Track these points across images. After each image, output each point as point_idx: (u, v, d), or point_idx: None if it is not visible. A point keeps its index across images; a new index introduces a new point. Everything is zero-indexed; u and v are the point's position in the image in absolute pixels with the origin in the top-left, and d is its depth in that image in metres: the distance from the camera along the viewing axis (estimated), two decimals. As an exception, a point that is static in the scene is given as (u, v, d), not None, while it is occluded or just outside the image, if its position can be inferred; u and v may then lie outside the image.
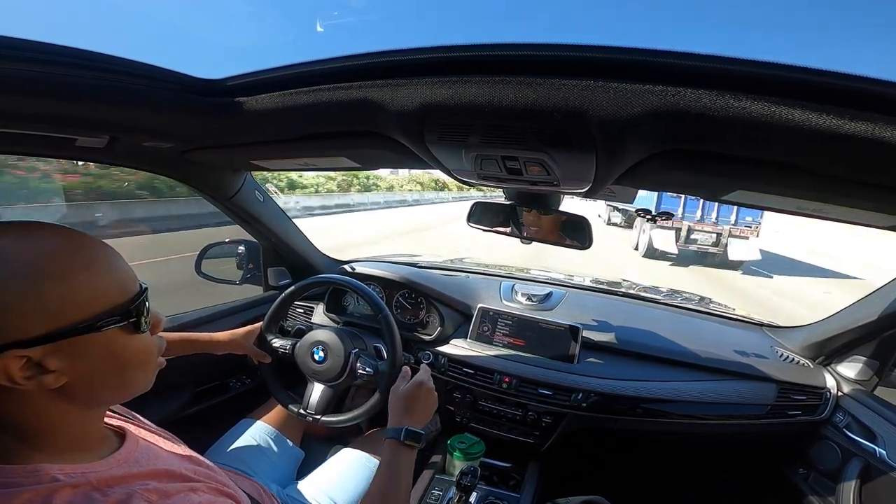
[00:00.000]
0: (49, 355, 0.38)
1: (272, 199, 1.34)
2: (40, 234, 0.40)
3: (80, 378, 0.41)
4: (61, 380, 0.39)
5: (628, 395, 1.14)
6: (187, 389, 1.21)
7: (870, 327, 1.07)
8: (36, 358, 0.37)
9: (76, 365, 0.40)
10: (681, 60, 0.40)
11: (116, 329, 0.42)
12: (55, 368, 0.39)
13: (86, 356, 0.41)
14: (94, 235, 0.44)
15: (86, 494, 0.39)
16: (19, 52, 0.45)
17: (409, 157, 0.73)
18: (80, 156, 0.82)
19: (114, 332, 0.42)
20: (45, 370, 0.38)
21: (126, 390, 0.47)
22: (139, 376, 0.47)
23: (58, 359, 0.39)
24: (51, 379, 0.39)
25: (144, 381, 0.49)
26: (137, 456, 0.48)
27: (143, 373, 0.48)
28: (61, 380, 0.39)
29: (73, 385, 0.41)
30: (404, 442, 0.76)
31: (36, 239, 0.40)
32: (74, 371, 0.40)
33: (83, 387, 0.42)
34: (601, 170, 0.61)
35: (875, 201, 0.56)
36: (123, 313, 0.43)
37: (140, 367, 0.47)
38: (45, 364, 0.38)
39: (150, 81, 0.55)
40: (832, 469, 1.06)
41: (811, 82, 0.38)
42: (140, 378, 0.48)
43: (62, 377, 0.39)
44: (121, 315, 0.43)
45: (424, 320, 1.37)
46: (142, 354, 0.47)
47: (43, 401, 0.40)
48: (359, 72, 0.52)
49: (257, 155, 0.89)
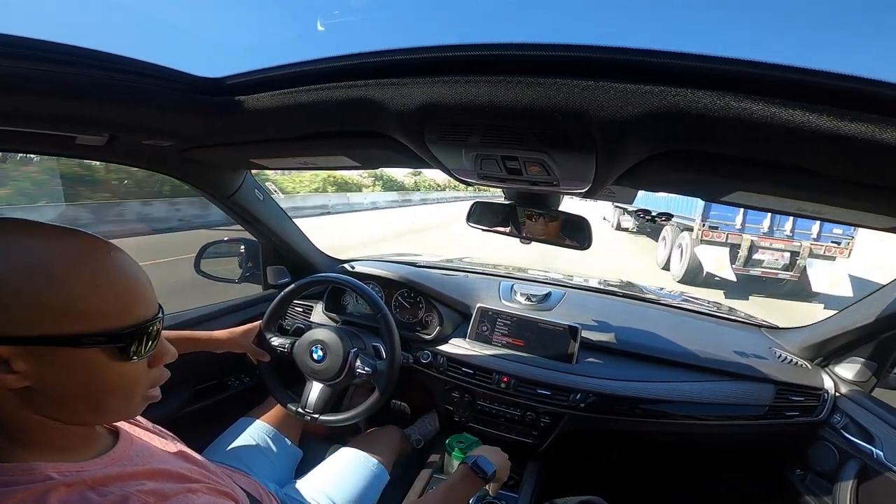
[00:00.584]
0: (20, 356, 0.37)
1: (271, 198, 1.34)
2: (69, 242, 0.40)
3: (47, 387, 0.39)
4: (22, 383, 0.38)
5: (627, 396, 1.14)
6: (186, 388, 1.21)
7: (868, 329, 1.07)
8: (4, 355, 0.36)
9: (45, 373, 0.38)
10: (681, 61, 0.40)
11: (98, 350, 0.40)
12: (19, 371, 0.37)
13: (57, 367, 0.39)
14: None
15: (80, 494, 0.39)
16: (19, 49, 0.45)
17: (409, 157, 0.73)
18: (79, 154, 0.82)
19: (94, 352, 0.40)
20: (10, 369, 0.37)
21: (99, 412, 0.44)
22: (117, 403, 0.45)
23: (26, 362, 0.37)
24: (11, 379, 0.37)
25: (124, 409, 0.46)
26: (132, 455, 0.48)
27: (123, 401, 0.45)
28: (22, 383, 0.38)
29: (38, 392, 0.39)
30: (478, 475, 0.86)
31: (62, 244, 0.39)
32: (41, 378, 0.39)
33: (49, 397, 0.40)
34: (601, 170, 0.61)
35: (875, 202, 0.56)
36: (112, 337, 0.41)
37: (118, 393, 0.44)
38: (11, 363, 0.37)
39: (150, 80, 0.55)
40: (829, 470, 1.06)
41: (811, 83, 0.38)
42: (117, 405, 0.45)
43: (24, 381, 0.38)
44: (108, 338, 0.40)
45: (423, 320, 1.37)
46: (123, 381, 0.44)
47: (11, 400, 0.39)
48: (359, 71, 0.52)
49: (257, 154, 0.89)
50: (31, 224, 0.40)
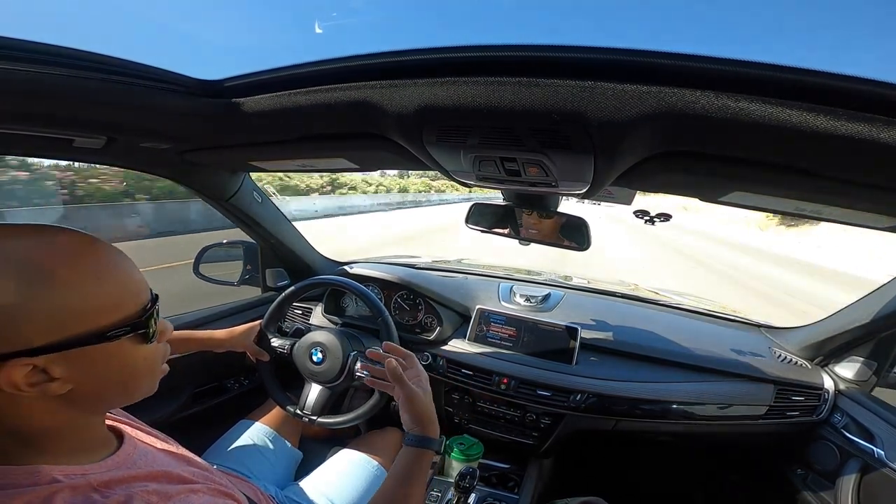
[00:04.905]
0: (55, 363, 0.38)
1: (270, 201, 1.34)
2: (55, 240, 0.40)
3: (86, 385, 0.41)
4: (66, 387, 0.39)
5: (626, 396, 1.14)
6: (186, 390, 1.21)
7: (868, 328, 1.07)
8: (41, 366, 0.37)
9: (82, 373, 0.40)
10: (679, 62, 0.40)
11: (124, 340, 0.42)
12: (60, 376, 0.38)
13: (93, 365, 0.40)
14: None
15: (85, 496, 0.39)
16: (16, 52, 0.45)
17: (407, 159, 0.73)
18: (77, 156, 0.82)
19: (123, 343, 0.42)
20: (50, 377, 0.38)
21: (131, 396, 0.47)
22: (145, 383, 0.48)
23: (64, 367, 0.38)
24: (55, 386, 0.38)
25: (149, 387, 0.49)
26: (135, 458, 0.48)
27: (149, 380, 0.48)
28: (66, 387, 0.39)
29: (79, 392, 0.40)
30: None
31: (50, 245, 0.39)
32: (80, 379, 0.40)
33: (88, 394, 0.42)
34: (599, 171, 0.61)
35: (873, 202, 0.56)
36: (134, 324, 0.43)
37: (147, 374, 0.47)
38: (50, 372, 0.38)
39: (148, 82, 0.55)
40: (830, 469, 1.06)
41: (808, 83, 0.38)
42: (145, 384, 0.48)
43: (67, 385, 0.39)
44: (131, 326, 0.42)
45: (423, 322, 1.37)
46: (149, 362, 0.47)
47: (47, 406, 0.40)
48: (357, 73, 0.52)
49: (255, 156, 0.89)
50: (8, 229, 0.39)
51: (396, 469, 0.69)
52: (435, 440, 0.71)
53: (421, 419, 0.70)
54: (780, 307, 5.95)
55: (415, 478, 0.68)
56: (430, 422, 0.71)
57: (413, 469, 0.68)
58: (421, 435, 0.70)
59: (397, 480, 0.68)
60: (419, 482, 0.69)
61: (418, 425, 0.70)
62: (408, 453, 0.70)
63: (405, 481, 0.67)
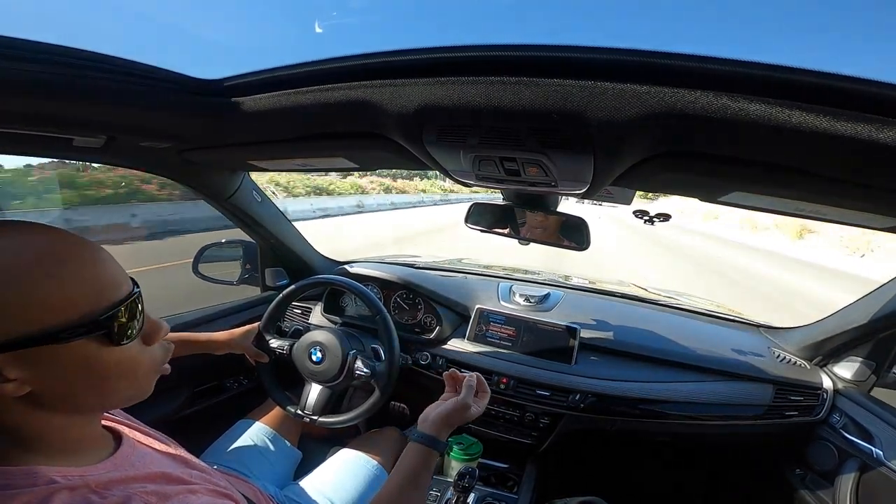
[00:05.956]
0: (7, 363, 0.36)
1: (270, 200, 1.34)
2: (8, 235, 0.37)
3: (48, 387, 0.39)
4: (23, 389, 0.37)
5: (626, 396, 1.14)
6: (184, 390, 1.21)
7: (867, 328, 1.07)
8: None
9: (41, 374, 0.38)
10: (678, 62, 0.40)
11: (84, 340, 0.39)
12: (15, 378, 0.36)
13: (51, 366, 0.38)
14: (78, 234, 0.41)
15: (83, 497, 0.39)
16: (15, 51, 0.45)
17: (407, 158, 0.73)
18: (77, 156, 0.82)
19: (81, 344, 0.39)
20: (5, 378, 0.36)
21: (112, 399, 0.45)
22: (124, 385, 0.44)
23: (18, 368, 0.36)
24: (11, 388, 0.37)
25: (135, 390, 0.46)
26: (134, 459, 0.48)
27: (129, 383, 0.45)
28: (23, 389, 0.37)
29: (43, 394, 0.39)
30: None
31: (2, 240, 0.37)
32: (39, 380, 0.38)
33: (54, 396, 0.40)
34: (599, 171, 0.61)
35: (874, 202, 0.57)
36: (92, 325, 0.39)
37: (123, 377, 0.44)
38: (4, 373, 0.36)
39: (147, 81, 0.55)
40: (829, 469, 1.06)
41: (809, 83, 0.38)
42: (124, 388, 0.45)
43: (25, 386, 0.37)
44: (88, 327, 0.39)
45: (422, 321, 1.37)
46: (122, 366, 0.43)
47: (17, 407, 0.38)
48: (357, 72, 0.52)
49: (255, 155, 0.89)
50: None
51: (403, 467, 0.69)
52: (442, 443, 0.72)
53: (446, 424, 0.73)
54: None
55: (422, 477, 0.68)
56: (449, 429, 0.74)
57: (420, 469, 0.68)
58: (431, 435, 0.71)
59: (405, 478, 0.67)
60: (425, 482, 0.69)
61: (435, 426, 0.72)
62: (416, 451, 0.70)
63: (414, 479, 0.67)
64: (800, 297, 6.47)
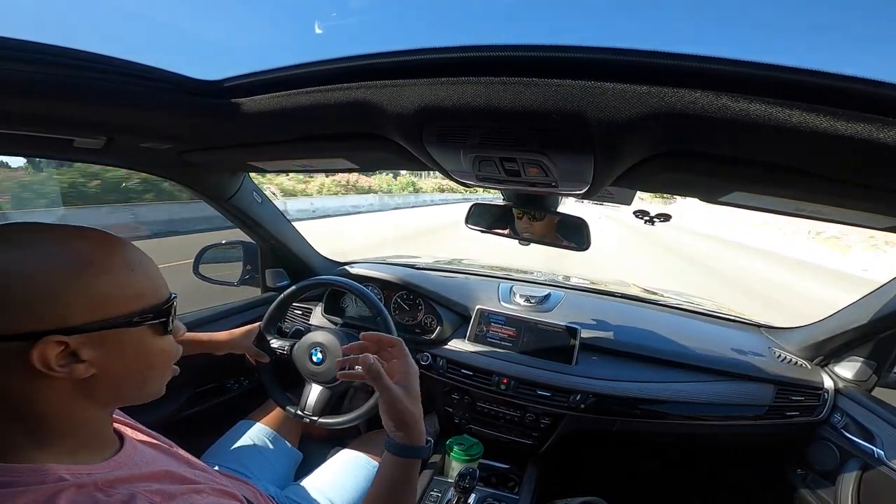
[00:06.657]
0: (85, 345, 0.40)
1: (270, 201, 1.34)
2: (90, 235, 0.44)
3: (107, 372, 0.43)
4: (90, 371, 0.41)
5: (626, 397, 1.14)
6: (185, 391, 1.21)
7: (868, 328, 1.07)
8: (73, 346, 0.39)
9: (107, 358, 0.42)
10: (679, 62, 0.40)
11: (148, 327, 0.46)
12: (87, 359, 0.41)
13: (117, 350, 0.43)
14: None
15: (90, 495, 0.39)
16: (15, 52, 0.45)
17: (407, 159, 0.73)
18: (77, 157, 0.82)
19: (145, 331, 0.45)
20: (78, 359, 0.40)
21: (144, 391, 0.49)
22: (157, 377, 0.50)
23: (92, 350, 0.41)
24: (82, 369, 0.41)
25: (160, 385, 0.51)
26: (137, 459, 0.48)
27: (161, 376, 0.50)
28: (90, 371, 0.41)
29: (99, 379, 0.42)
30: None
31: (86, 238, 0.43)
32: (104, 364, 0.42)
33: (107, 382, 0.43)
34: (599, 171, 0.61)
35: (874, 202, 0.56)
36: (157, 313, 0.46)
37: (161, 368, 0.50)
38: (79, 353, 0.40)
39: (148, 82, 0.55)
40: (830, 469, 1.06)
41: (809, 83, 0.38)
42: (158, 380, 0.50)
43: (91, 368, 0.41)
44: (154, 315, 0.46)
45: (423, 322, 1.37)
46: (165, 356, 0.49)
47: (67, 393, 0.41)
48: (357, 73, 0.52)
49: (255, 156, 0.89)
50: (51, 226, 0.43)
51: (381, 480, 0.63)
52: (421, 448, 0.62)
53: (404, 423, 0.61)
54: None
55: (400, 491, 0.62)
56: (415, 425, 0.62)
57: (397, 482, 0.61)
58: (404, 443, 0.61)
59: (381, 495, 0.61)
60: (408, 495, 0.62)
61: (401, 430, 0.62)
62: (392, 463, 0.62)
63: (391, 495, 0.61)
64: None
